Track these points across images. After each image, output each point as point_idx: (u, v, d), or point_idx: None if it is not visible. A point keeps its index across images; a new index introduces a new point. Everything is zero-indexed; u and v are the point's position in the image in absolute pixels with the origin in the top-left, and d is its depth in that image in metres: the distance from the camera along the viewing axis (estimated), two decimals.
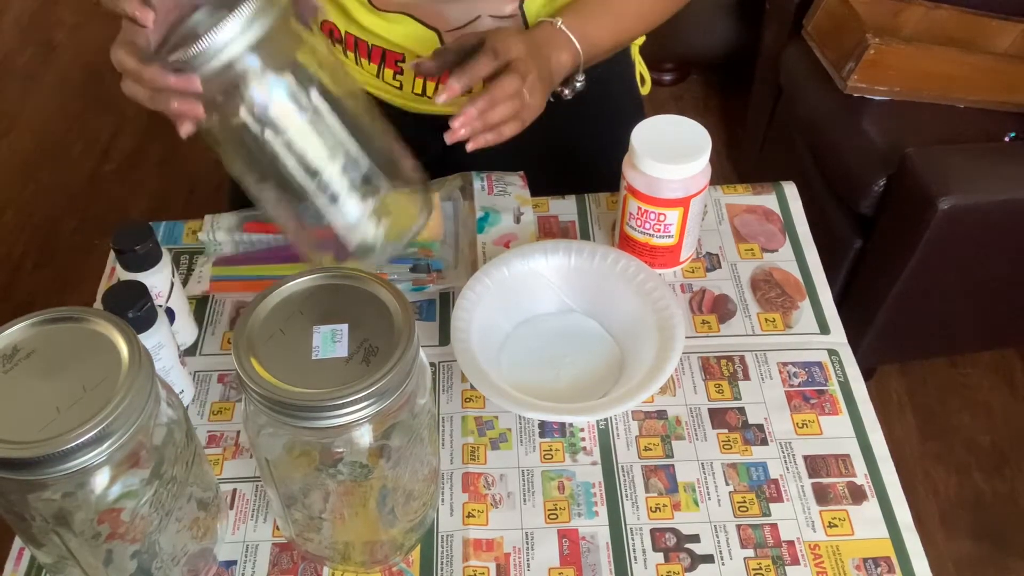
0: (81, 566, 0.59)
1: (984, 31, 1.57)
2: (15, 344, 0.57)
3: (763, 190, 0.96)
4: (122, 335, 0.56)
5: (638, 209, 0.82)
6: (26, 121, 2.32)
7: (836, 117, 1.54)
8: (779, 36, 1.75)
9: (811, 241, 0.92)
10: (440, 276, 0.85)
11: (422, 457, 0.64)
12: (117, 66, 0.67)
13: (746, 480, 0.74)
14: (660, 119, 0.83)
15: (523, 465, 0.75)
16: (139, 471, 0.57)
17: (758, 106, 1.91)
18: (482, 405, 0.78)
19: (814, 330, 0.84)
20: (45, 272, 1.97)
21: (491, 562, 0.69)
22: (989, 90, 1.51)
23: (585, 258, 0.82)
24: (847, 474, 0.74)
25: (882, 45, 1.45)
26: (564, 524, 0.71)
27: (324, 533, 0.66)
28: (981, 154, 1.41)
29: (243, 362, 0.56)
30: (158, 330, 0.71)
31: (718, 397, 0.79)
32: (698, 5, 1.00)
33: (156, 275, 0.75)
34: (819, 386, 0.80)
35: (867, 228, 1.48)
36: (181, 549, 0.64)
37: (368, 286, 0.60)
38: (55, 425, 0.52)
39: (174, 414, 0.60)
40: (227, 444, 0.77)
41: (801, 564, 0.69)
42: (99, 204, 2.10)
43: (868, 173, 1.43)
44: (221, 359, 0.83)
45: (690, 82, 2.34)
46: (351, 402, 0.54)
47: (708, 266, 0.89)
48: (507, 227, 0.89)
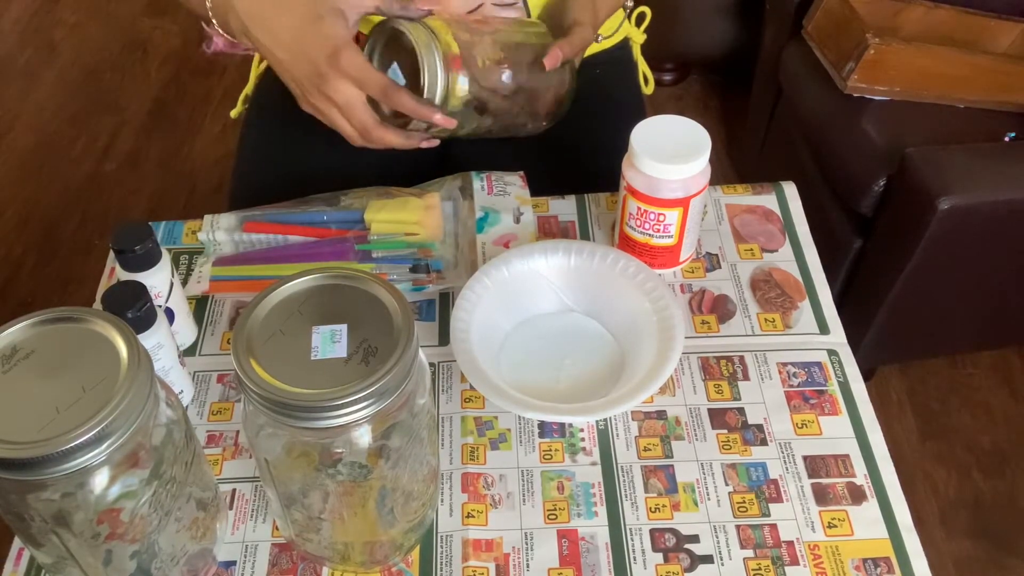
0: (80, 566, 0.60)
1: (984, 31, 1.57)
2: (14, 344, 0.56)
3: (763, 190, 0.96)
4: (121, 335, 0.56)
5: (638, 209, 0.82)
6: (26, 121, 2.32)
7: (836, 117, 1.54)
8: (779, 36, 1.75)
9: (811, 241, 0.92)
10: (440, 276, 0.85)
11: (421, 457, 0.64)
12: (383, 143, 0.84)
13: (745, 480, 0.74)
14: (660, 119, 0.83)
15: (522, 465, 0.75)
16: (138, 471, 0.57)
17: (758, 106, 1.91)
18: (481, 405, 0.78)
19: (814, 330, 0.84)
20: (45, 272, 1.97)
21: (490, 562, 0.69)
22: (989, 90, 1.51)
23: (585, 258, 0.82)
24: (847, 474, 0.74)
25: (882, 45, 1.45)
26: (563, 524, 0.71)
27: (323, 533, 0.66)
28: (981, 154, 1.41)
29: (242, 362, 0.56)
30: (157, 330, 0.71)
31: (718, 397, 0.79)
32: (698, 5, 1.00)
33: (156, 275, 0.75)
34: (819, 386, 0.80)
35: (867, 228, 1.48)
36: (180, 549, 0.64)
37: (367, 286, 0.60)
38: (54, 425, 0.52)
39: (173, 414, 0.60)
40: (226, 444, 0.77)
41: (801, 564, 0.69)
42: (99, 204, 2.11)
43: (868, 173, 1.43)
44: (220, 359, 0.83)
45: (690, 82, 2.34)
46: (350, 402, 0.54)
47: (708, 266, 0.89)
48: (507, 227, 0.89)
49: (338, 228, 0.87)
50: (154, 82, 2.43)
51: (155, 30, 2.58)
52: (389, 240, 0.85)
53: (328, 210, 0.88)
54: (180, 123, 2.29)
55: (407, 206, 0.86)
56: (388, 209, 0.86)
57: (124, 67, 2.48)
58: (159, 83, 2.42)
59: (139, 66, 2.48)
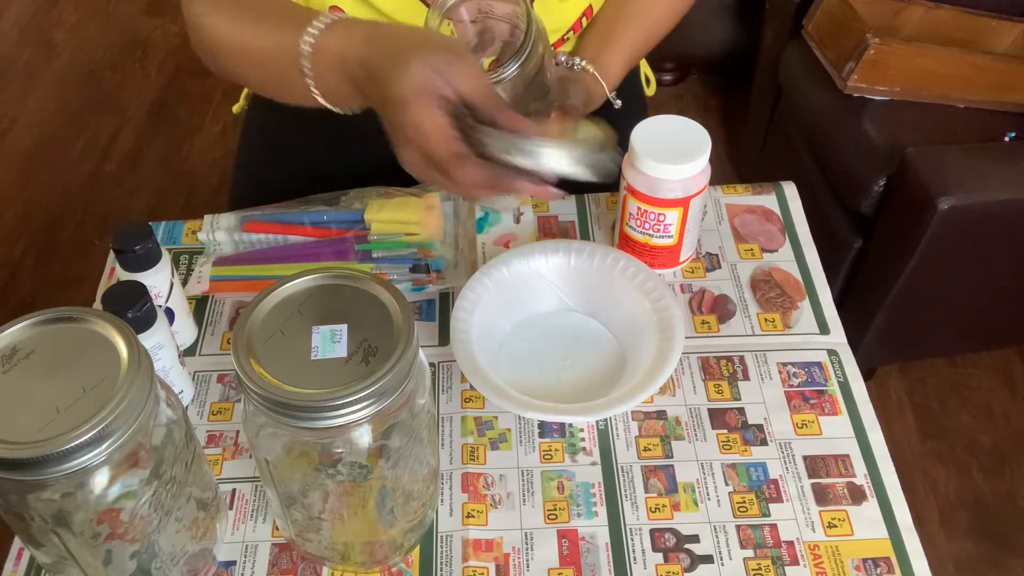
0: (80, 566, 0.60)
1: (984, 31, 1.57)
2: (15, 344, 0.56)
3: (763, 190, 0.96)
4: (121, 335, 0.56)
5: (638, 209, 0.82)
6: (26, 121, 2.32)
7: (836, 117, 1.54)
8: (779, 36, 1.75)
9: (811, 241, 0.92)
10: (440, 276, 0.85)
11: (421, 457, 0.64)
12: None
13: (745, 480, 0.74)
14: (660, 119, 0.83)
15: (522, 465, 0.75)
16: (138, 471, 0.57)
17: (758, 106, 1.91)
18: (481, 405, 0.78)
19: (814, 330, 0.84)
20: (45, 272, 1.97)
21: (490, 562, 0.69)
22: (989, 90, 1.51)
23: (585, 258, 0.82)
24: (847, 474, 0.74)
25: (882, 45, 1.45)
26: (563, 524, 0.71)
27: (323, 533, 0.66)
28: (981, 154, 1.41)
29: (242, 362, 0.56)
30: (157, 330, 0.71)
31: (718, 397, 0.79)
32: (698, 5, 1.00)
33: (156, 275, 0.75)
34: (819, 386, 0.80)
35: (867, 228, 1.48)
36: (180, 549, 0.64)
37: (367, 286, 0.60)
38: (54, 425, 0.52)
39: (173, 414, 0.60)
40: (226, 444, 0.77)
41: (801, 564, 0.69)
42: (99, 204, 2.11)
43: (868, 173, 1.43)
44: (220, 359, 0.83)
45: (690, 82, 2.34)
46: (350, 402, 0.54)
47: (708, 266, 0.89)
48: (507, 227, 0.89)
49: (338, 228, 0.87)
50: (154, 82, 2.42)
51: (155, 30, 2.58)
52: (389, 240, 0.85)
53: (328, 210, 0.88)
54: (180, 123, 2.28)
55: (407, 206, 0.86)
56: (388, 209, 0.86)
57: (124, 67, 2.48)
58: (159, 83, 2.42)
59: (139, 66, 2.48)
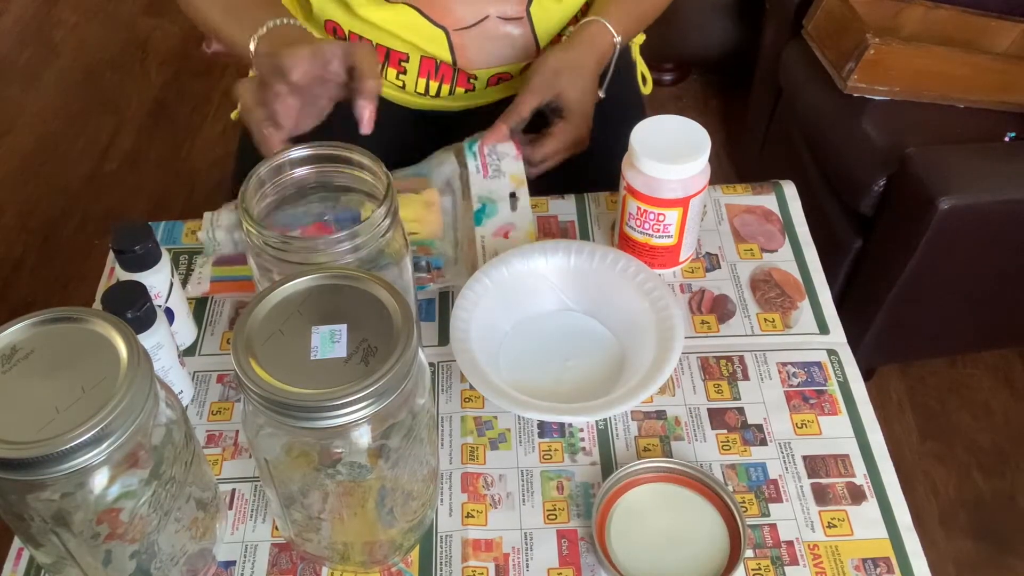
0: (80, 566, 0.60)
1: (984, 31, 1.57)
2: (14, 344, 0.56)
3: (763, 190, 0.96)
4: (121, 335, 0.56)
5: (637, 209, 0.82)
6: (26, 121, 2.32)
7: (836, 117, 1.54)
8: (779, 36, 1.75)
9: (810, 241, 0.92)
10: (440, 274, 0.85)
11: (421, 457, 0.64)
12: None
13: (745, 480, 0.74)
14: (660, 119, 0.83)
15: (522, 465, 0.75)
16: (138, 471, 0.57)
17: (758, 106, 1.90)
18: (481, 405, 0.78)
19: (813, 330, 0.84)
20: (45, 272, 1.97)
21: (490, 562, 0.69)
22: (989, 90, 1.51)
23: (585, 258, 0.82)
24: (846, 474, 0.74)
25: (882, 45, 1.45)
26: (563, 524, 0.71)
27: (323, 533, 0.66)
28: (981, 154, 1.41)
29: (242, 362, 0.56)
30: (157, 330, 0.71)
31: (717, 397, 0.79)
32: (698, 5, 1.00)
33: (155, 275, 0.75)
34: (818, 386, 0.79)
35: (867, 228, 1.48)
36: (180, 549, 0.64)
37: (367, 286, 0.60)
38: (54, 425, 0.52)
39: (173, 414, 0.60)
40: (226, 444, 0.77)
41: (800, 564, 0.69)
42: (99, 204, 2.10)
43: (868, 173, 1.43)
44: (220, 359, 0.83)
45: (690, 82, 2.34)
46: (350, 402, 0.54)
47: (708, 266, 0.89)
48: (504, 217, 0.88)
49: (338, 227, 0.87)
50: (154, 82, 2.42)
51: (155, 30, 2.58)
52: None
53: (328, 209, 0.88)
54: (180, 123, 2.28)
55: (406, 204, 0.86)
56: None
57: (124, 67, 2.48)
58: (159, 83, 2.42)
59: (139, 66, 2.48)
